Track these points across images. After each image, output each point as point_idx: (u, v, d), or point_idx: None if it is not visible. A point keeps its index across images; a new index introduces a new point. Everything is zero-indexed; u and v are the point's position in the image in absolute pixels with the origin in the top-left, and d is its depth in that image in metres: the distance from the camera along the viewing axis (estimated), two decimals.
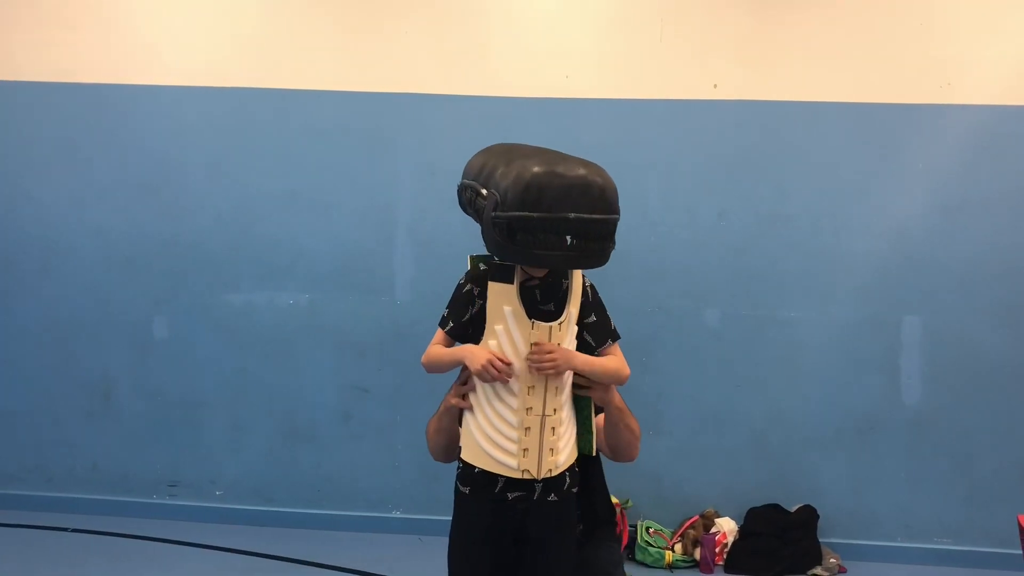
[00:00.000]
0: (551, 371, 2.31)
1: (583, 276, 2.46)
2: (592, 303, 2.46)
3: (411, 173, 4.32)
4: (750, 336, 4.24)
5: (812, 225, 4.19)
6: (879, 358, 4.20)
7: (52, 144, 4.45)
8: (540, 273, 2.38)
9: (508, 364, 2.31)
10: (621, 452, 2.67)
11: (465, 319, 2.41)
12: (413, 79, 4.28)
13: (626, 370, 2.48)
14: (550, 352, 2.31)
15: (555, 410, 2.36)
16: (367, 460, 4.44)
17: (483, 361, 2.30)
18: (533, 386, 2.34)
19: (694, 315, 4.26)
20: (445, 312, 2.45)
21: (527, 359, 2.31)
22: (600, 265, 2.31)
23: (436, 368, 2.45)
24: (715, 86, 4.19)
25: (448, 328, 2.43)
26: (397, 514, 4.44)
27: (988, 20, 4.07)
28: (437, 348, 2.44)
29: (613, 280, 4.06)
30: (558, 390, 2.37)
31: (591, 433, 2.52)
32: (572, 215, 2.16)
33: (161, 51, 4.37)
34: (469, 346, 2.37)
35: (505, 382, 2.32)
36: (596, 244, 2.24)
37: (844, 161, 4.16)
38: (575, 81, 4.22)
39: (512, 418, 2.34)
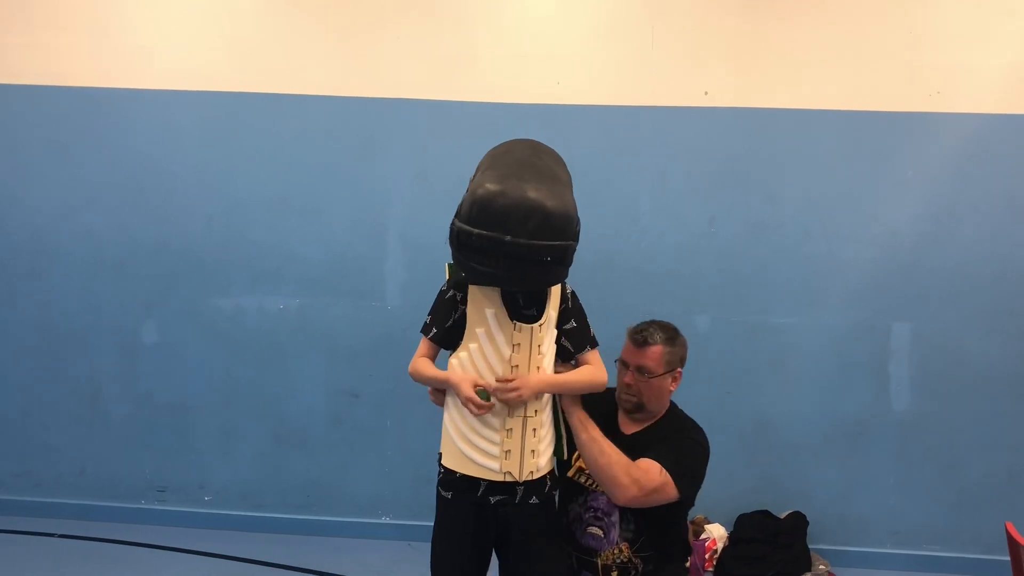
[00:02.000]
0: (517, 402, 2.31)
1: (564, 282, 2.47)
2: (572, 309, 2.47)
3: (402, 178, 4.32)
4: (740, 342, 4.25)
5: (802, 232, 4.20)
6: (868, 364, 4.22)
7: (41, 147, 4.43)
8: None
9: (488, 406, 2.32)
10: (598, 480, 2.57)
11: (448, 325, 2.41)
12: (404, 84, 4.28)
13: (602, 376, 2.48)
14: (511, 383, 2.31)
15: (536, 412, 2.37)
16: (357, 465, 4.43)
17: (463, 397, 2.31)
18: None
19: (684, 321, 4.18)
20: (427, 319, 2.45)
21: (495, 392, 2.32)
22: (545, 287, 2.30)
23: (420, 382, 2.46)
24: (706, 93, 4.20)
25: (432, 335, 2.43)
26: (387, 520, 4.43)
27: (977, 29, 4.09)
28: (424, 362, 2.44)
29: (603, 286, 4.09)
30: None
31: (561, 438, 2.52)
32: (508, 238, 2.14)
33: (152, 55, 4.36)
34: (457, 374, 2.36)
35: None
36: (536, 268, 2.20)
37: (834, 168, 4.17)
38: (566, 87, 4.23)
39: (494, 420, 2.34)
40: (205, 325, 4.42)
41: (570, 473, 2.71)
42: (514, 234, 2.14)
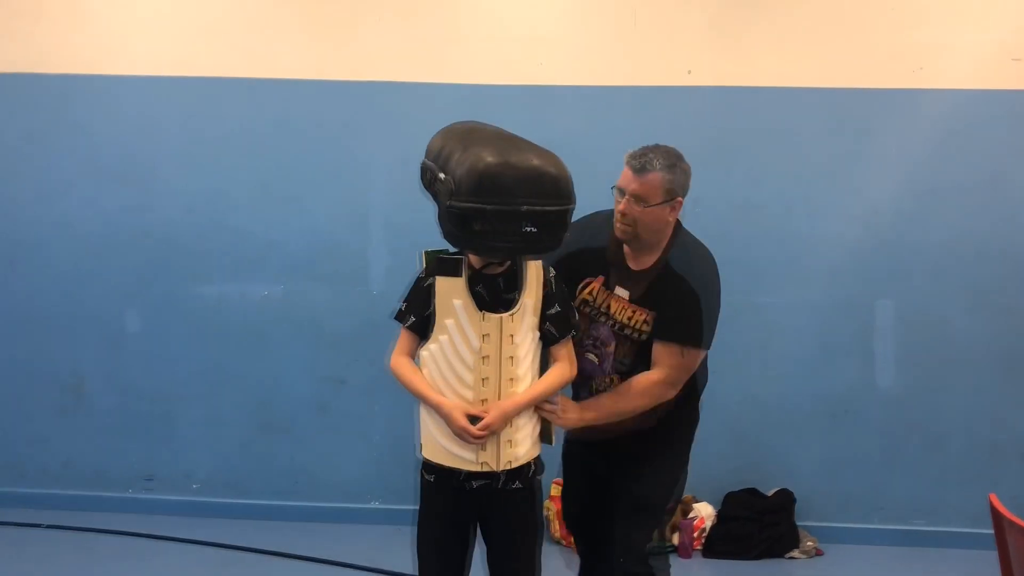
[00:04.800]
0: (488, 436, 2.31)
1: (545, 267, 2.46)
2: (556, 294, 2.46)
3: (384, 162, 4.29)
4: (724, 321, 4.17)
5: (786, 210, 4.21)
6: (852, 342, 4.23)
7: (18, 136, 4.38)
8: (503, 265, 2.39)
9: (481, 434, 2.31)
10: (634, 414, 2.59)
11: (427, 313, 2.39)
12: (385, 67, 4.25)
13: (571, 372, 2.48)
14: (481, 424, 2.30)
15: None
16: (344, 451, 4.41)
17: (456, 428, 2.31)
18: (487, 378, 2.33)
19: None
20: (403, 306, 2.43)
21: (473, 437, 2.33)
22: (551, 251, 2.33)
23: (405, 387, 2.42)
24: (689, 72, 4.19)
25: (410, 323, 2.41)
26: (376, 505, 4.42)
27: (960, 4, 4.09)
28: (410, 368, 2.40)
29: None
30: (513, 382, 2.36)
31: (549, 424, 2.51)
32: (524, 207, 2.18)
33: (128, 41, 4.31)
34: (448, 403, 2.33)
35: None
36: (548, 233, 2.25)
37: (817, 146, 4.18)
38: (548, 68, 4.21)
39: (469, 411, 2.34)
40: (188, 313, 4.39)
41: (575, 303, 2.63)
42: (529, 202, 2.18)
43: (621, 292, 2.60)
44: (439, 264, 2.37)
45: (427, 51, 4.24)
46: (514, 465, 2.38)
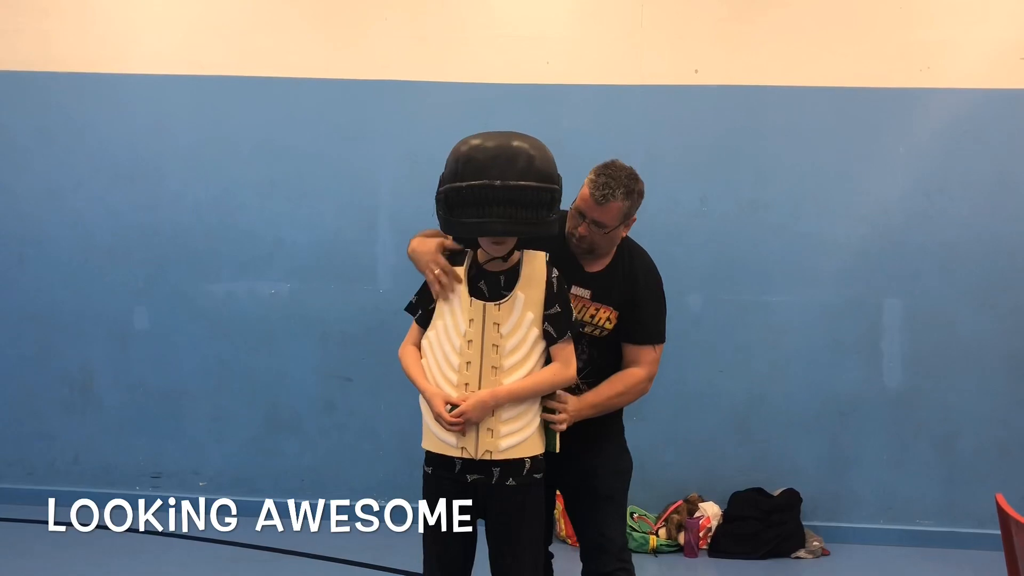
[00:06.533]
0: (464, 427, 2.35)
1: (551, 266, 2.46)
2: (557, 294, 2.46)
3: (392, 160, 4.30)
4: (732, 320, 4.25)
5: (793, 209, 4.20)
6: (860, 341, 4.23)
7: (28, 134, 4.41)
8: (502, 261, 2.41)
9: (455, 421, 2.34)
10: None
11: (431, 307, 2.47)
12: (393, 66, 4.26)
13: (568, 373, 2.46)
14: (456, 410, 2.33)
15: None
16: (351, 449, 4.43)
17: (434, 414, 2.39)
18: (470, 362, 2.38)
19: (676, 300, 4.18)
20: (414, 298, 2.53)
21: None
22: (537, 235, 2.33)
23: (404, 372, 2.51)
24: (696, 71, 4.18)
25: (418, 316, 2.50)
26: (382, 502, 4.42)
27: (967, 3, 4.09)
28: (412, 357, 2.48)
29: None
30: (497, 371, 2.37)
31: (554, 432, 2.51)
32: (498, 182, 2.22)
33: (139, 39, 4.34)
34: (431, 389, 2.40)
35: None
36: (527, 212, 2.27)
37: (825, 145, 4.17)
38: (556, 67, 4.21)
39: (452, 393, 2.39)
40: (196, 311, 4.41)
41: None
42: (503, 177, 2.22)
43: (580, 291, 2.64)
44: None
45: (434, 50, 4.24)
46: (494, 456, 2.38)
